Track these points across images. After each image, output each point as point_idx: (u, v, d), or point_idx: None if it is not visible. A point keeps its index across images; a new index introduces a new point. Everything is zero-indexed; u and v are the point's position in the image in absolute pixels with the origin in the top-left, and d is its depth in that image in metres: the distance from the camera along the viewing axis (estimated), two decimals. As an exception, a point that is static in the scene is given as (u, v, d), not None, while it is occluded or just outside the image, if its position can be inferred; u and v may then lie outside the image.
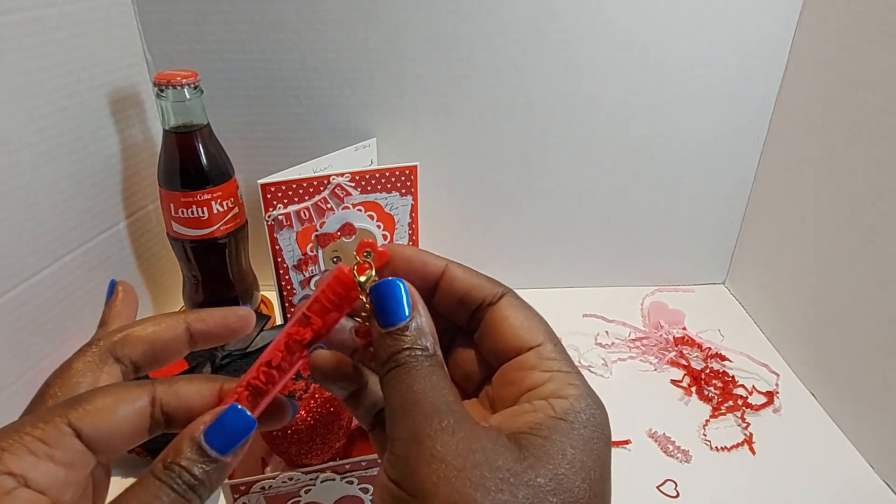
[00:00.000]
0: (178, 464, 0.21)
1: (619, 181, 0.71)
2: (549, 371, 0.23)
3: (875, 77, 0.52)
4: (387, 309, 0.23)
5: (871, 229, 0.53)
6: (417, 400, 0.21)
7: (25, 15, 0.47)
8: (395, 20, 0.61)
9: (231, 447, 0.22)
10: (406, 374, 0.22)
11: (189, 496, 0.21)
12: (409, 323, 0.23)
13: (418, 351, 0.23)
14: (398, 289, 0.23)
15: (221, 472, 0.22)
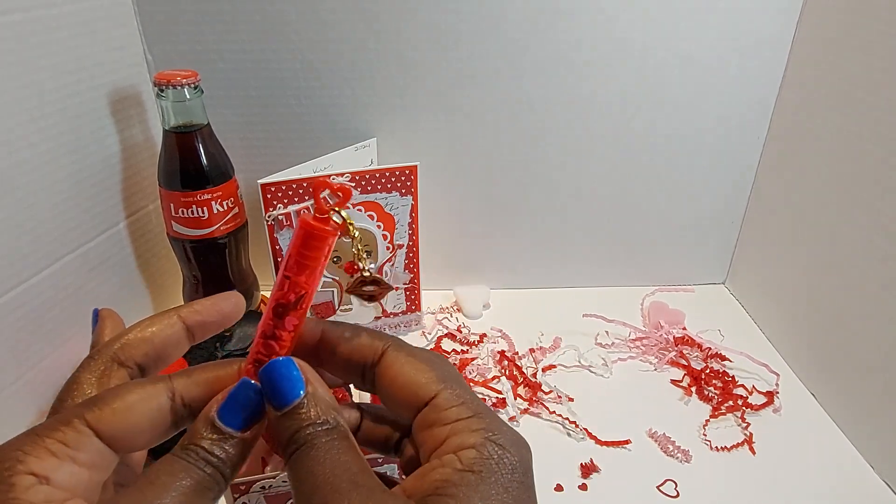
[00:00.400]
0: (196, 444, 0.21)
1: (619, 181, 0.71)
2: (448, 423, 0.22)
3: (875, 77, 0.52)
4: (278, 390, 0.22)
5: (872, 229, 0.53)
6: (318, 484, 0.20)
7: (25, 15, 0.47)
8: (395, 20, 0.61)
9: (246, 422, 0.22)
10: (306, 457, 0.21)
11: (213, 474, 0.21)
12: (303, 400, 0.22)
13: (318, 427, 0.21)
14: (287, 367, 0.22)
15: (242, 449, 0.22)
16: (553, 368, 0.64)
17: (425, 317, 0.72)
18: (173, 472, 0.20)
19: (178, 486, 0.20)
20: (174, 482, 0.20)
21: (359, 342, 0.25)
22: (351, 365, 0.25)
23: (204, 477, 0.21)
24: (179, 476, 0.20)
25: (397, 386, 0.23)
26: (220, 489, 0.21)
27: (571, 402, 0.59)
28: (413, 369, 0.23)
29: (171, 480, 0.20)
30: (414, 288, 0.68)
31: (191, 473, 0.20)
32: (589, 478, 0.51)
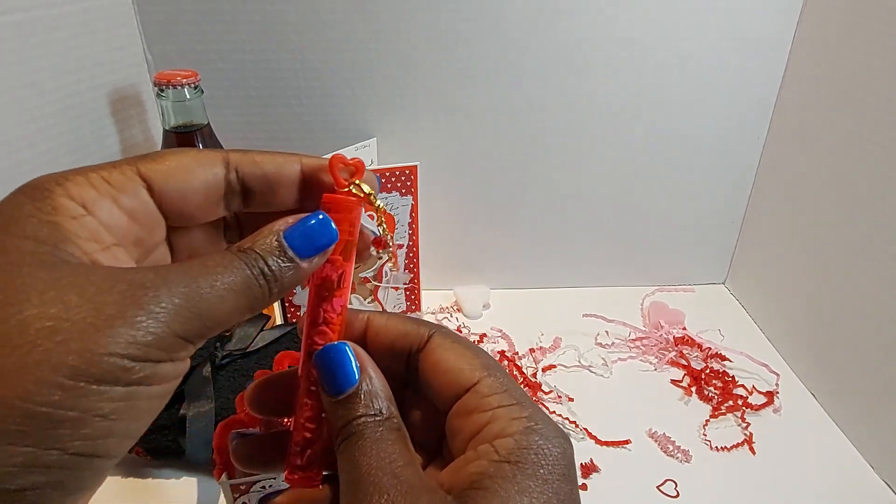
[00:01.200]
0: (254, 250, 0.20)
1: (619, 181, 0.71)
2: (489, 409, 0.21)
3: (875, 77, 0.52)
4: (333, 376, 0.22)
5: (872, 229, 0.53)
6: (360, 476, 0.20)
7: (25, 15, 0.47)
8: (395, 20, 0.61)
9: (309, 253, 0.21)
10: (353, 448, 0.21)
11: (260, 281, 0.19)
12: (358, 388, 0.22)
13: (370, 418, 0.21)
14: (343, 353, 0.22)
15: (295, 275, 0.20)
16: (553, 368, 0.64)
17: (425, 317, 0.72)
18: (227, 264, 0.19)
19: (229, 279, 0.19)
20: (226, 273, 0.19)
21: (405, 328, 0.24)
22: (396, 351, 0.24)
23: (254, 283, 0.19)
24: (233, 270, 0.19)
25: (440, 371, 0.23)
26: (260, 304, 0.20)
27: (571, 402, 0.59)
28: (457, 355, 0.23)
29: (224, 271, 0.19)
30: (414, 288, 0.68)
31: (243, 274, 0.19)
32: (589, 478, 0.51)
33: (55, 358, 0.15)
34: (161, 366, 0.17)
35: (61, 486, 0.16)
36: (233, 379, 0.53)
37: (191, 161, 0.21)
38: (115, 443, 0.16)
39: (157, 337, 0.16)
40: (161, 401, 0.18)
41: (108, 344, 0.15)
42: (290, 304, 0.64)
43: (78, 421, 0.15)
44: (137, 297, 0.16)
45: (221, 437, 0.43)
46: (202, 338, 0.18)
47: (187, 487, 0.50)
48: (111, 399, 0.16)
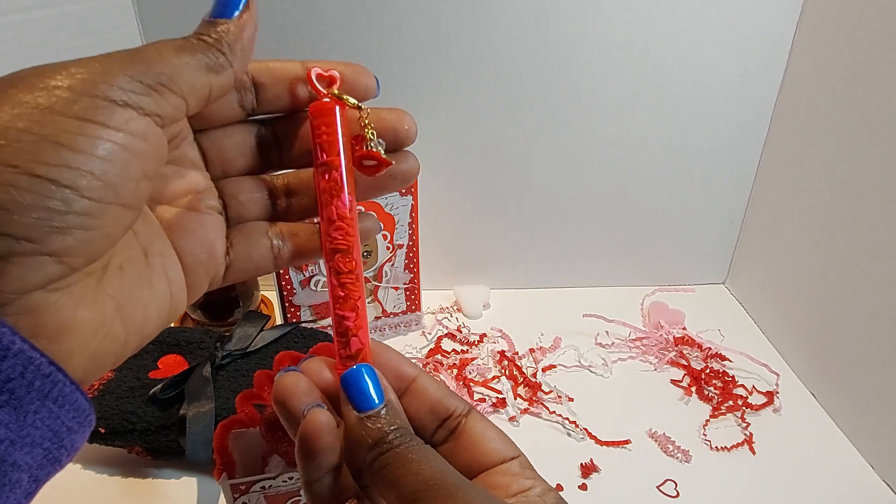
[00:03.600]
0: (194, 36, 0.23)
1: (619, 181, 0.71)
2: (531, 479, 0.24)
3: (875, 77, 0.52)
4: (362, 392, 0.23)
5: (872, 229, 0.53)
6: (435, 476, 0.21)
7: (25, 15, 0.47)
8: (395, 20, 0.61)
9: (233, 10, 0.23)
10: (412, 454, 0.21)
11: (200, 43, 0.22)
12: (386, 405, 0.23)
13: (401, 431, 0.22)
14: (371, 372, 0.24)
15: (233, 29, 0.23)
16: (553, 368, 0.64)
17: (425, 317, 0.72)
18: (166, 43, 0.21)
19: (176, 44, 0.21)
20: (173, 42, 0.21)
21: (449, 394, 0.26)
22: (438, 410, 0.26)
23: (192, 41, 0.22)
24: (171, 44, 0.21)
25: (488, 438, 0.25)
26: (217, 64, 0.22)
27: (571, 402, 0.59)
28: (497, 431, 0.26)
29: (171, 42, 0.21)
30: (414, 288, 0.68)
31: (186, 42, 0.22)
32: (589, 478, 0.51)
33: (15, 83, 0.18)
34: (122, 111, 0.18)
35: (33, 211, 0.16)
36: (233, 379, 0.53)
37: None
38: (79, 176, 0.17)
39: (117, 83, 0.18)
40: (129, 155, 0.18)
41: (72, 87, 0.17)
42: (289, 304, 0.64)
43: (31, 143, 0.16)
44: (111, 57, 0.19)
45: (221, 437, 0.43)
46: (164, 86, 0.19)
47: (187, 487, 0.50)
48: (64, 129, 0.17)
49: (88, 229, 0.17)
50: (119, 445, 0.50)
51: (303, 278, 0.63)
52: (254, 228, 0.26)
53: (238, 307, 0.66)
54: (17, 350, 0.16)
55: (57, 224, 0.16)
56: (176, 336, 0.57)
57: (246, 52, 0.23)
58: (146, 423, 0.48)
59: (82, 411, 0.18)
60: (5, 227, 0.16)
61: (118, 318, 0.20)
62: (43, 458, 0.17)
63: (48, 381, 0.17)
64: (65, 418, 0.18)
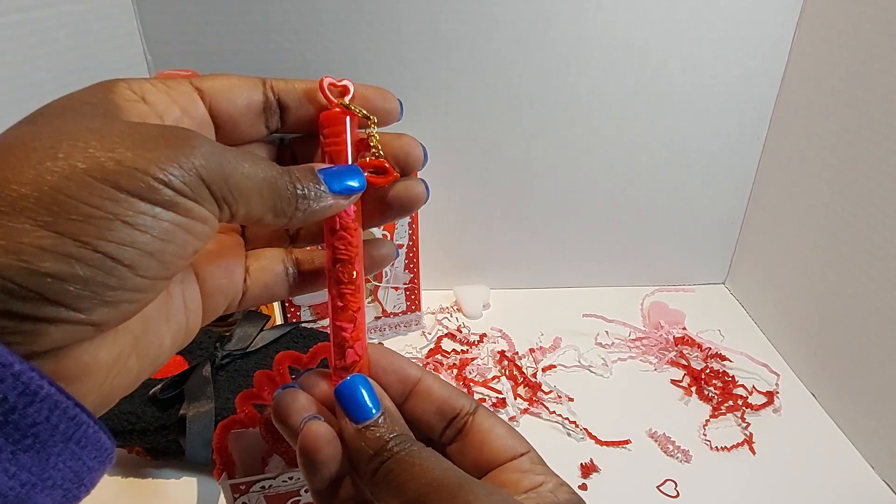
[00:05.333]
0: (293, 168, 0.22)
1: (619, 181, 0.71)
2: (542, 475, 0.24)
3: (875, 77, 0.52)
4: (358, 403, 0.23)
5: (872, 229, 0.53)
6: (439, 478, 0.21)
7: (25, 15, 0.47)
8: (395, 20, 0.61)
9: (338, 188, 0.22)
10: (410, 458, 0.22)
11: (289, 186, 0.21)
12: (382, 414, 0.23)
13: (401, 438, 0.22)
14: (365, 382, 0.24)
15: (322, 202, 0.22)
16: (553, 368, 0.64)
17: (425, 317, 0.72)
18: (266, 162, 0.21)
19: (263, 166, 0.20)
20: (263, 163, 0.20)
21: (454, 393, 0.26)
22: (444, 409, 0.26)
23: (284, 184, 0.21)
24: (269, 165, 0.20)
25: (496, 435, 0.25)
26: (283, 210, 0.21)
27: (571, 402, 0.59)
28: (506, 427, 0.26)
29: (262, 161, 0.20)
30: (414, 288, 0.68)
31: (277, 171, 0.21)
32: (589, 478, 0.51)
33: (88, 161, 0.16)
34: (185, 200, 0.18)
35: (87, 284, 0.16)
36: (233, 379, 0.53)
37: (235, 79, 0.24)
38: (140, 256, 0.17)
39: (183, 171, 0.17)
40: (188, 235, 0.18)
41: (139, 163, 0.17)
42: (290, 304, 0.64)
43: (101, 220, 0.16)
44: (177, 139, 0.18)
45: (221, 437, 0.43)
46: (226, 202, 0.19)
47: (187, 487, 0.50)
48: (135, 209, 0.17)
49: (133, 302, 0.18)
50: (119, 445, 0.50)
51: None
52: (271, 256, 0.26)
53: (238, 307, 0.66)
54: (44, 395, 0.16)
55: (108, 298, 0.17)
56: (176, 336, 0.57)
57: (310, 220, 0.23)
58: (146, 423, 0.48)
59: (104, 450, 0.18)
60: (58, 296, 0.16)
61: (134, 353, 0.20)
62: (62, 497, 0.17)
63: (73, 423, 0.17)
64: (87, 459, 0.18)
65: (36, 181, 0.15)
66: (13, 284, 0.15)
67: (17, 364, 0.15)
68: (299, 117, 0.25)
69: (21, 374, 0.15)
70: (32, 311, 0.15)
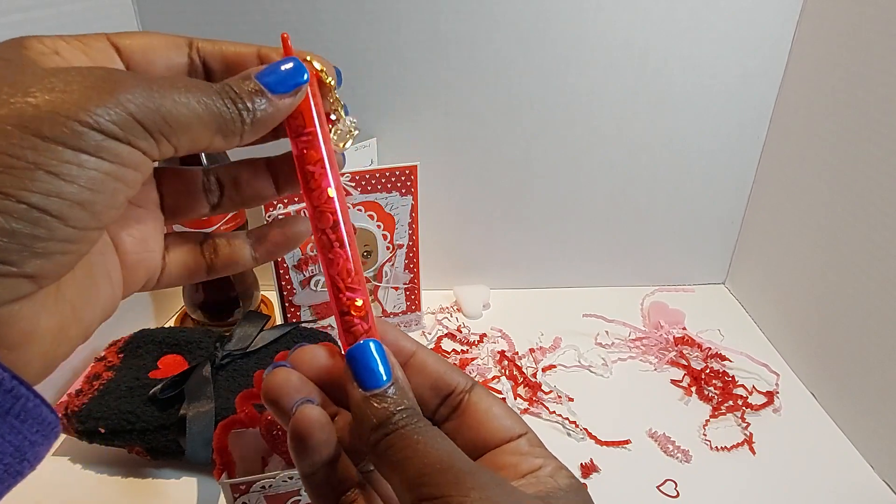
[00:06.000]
0: (227, 83, 0.20)
1: (619, 181, 0.71)
2: (541, 457, 0.23)
3: (875, 77, 0.52)
4: (369, 370, 0.22)
5: (872, 229, 0.53)
6: (442, 460, 0.20)
7: (25, 15, 0.47)
8: (395, 20, 0.61)
9: (283, 90, 0.21)
10: (418, 436, 0.20)
11: (229, 106, 0.20)
12: (393, 383, 0.22)
13: (408, 412, 0.21)
14: (379, 348, 0.22)
15: (270, 110, 0.21)
16: (553, 368, 0.64)
17: (425, 317, 0.72)
18: (198, 84, 0.19)
19: (198, 91, 0.19)
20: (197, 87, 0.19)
21: (450, 369, 0.25)
22: (439, 386, 0.25)
23: (223, 105, 0.20)
24: (204, 88, 0.19)
25: (492, 415, 0.24)
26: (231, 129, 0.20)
27: (571, 402, 0.59)
28: (503, 407, 0.25)
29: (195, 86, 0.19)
30: (414, 288, 0.68)
31: (213, 96, 0.19)
32: (589, 478, 0.51)
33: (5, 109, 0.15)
34: (118, 145, 0.17)
35: (15, 237, 0.16)
36: (233, 379, 0.53)
37: (158, 38, 0.22)
38: (68, 207, 0.16)
39: (113, 113, 0.17)
40: (119, 183, 0.18)
41: (61, 108, 0.16)
42: (289, 304, 0.64)
43: (23, 170, 0.16)
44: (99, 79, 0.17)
45: (221, 437, 0.43)
46: (165, 136, 0.18)
47: (187, 487, 0.50)
48: (59, 158, 0.16)
49: (66, 254, 0.17)
50: (119, 445, 0.50)
51: (303, 278, 0.63)
52: (189, 238, 0.26)
53: (238, 307, 0.66)
54: None
55: (39, 250, 0.16)
56: (176, 336, 0.57)
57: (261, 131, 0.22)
58: (146, 423, 0.48)
59: (47, 424, 0.18)
60: None
61: (73, 321, 0.19)
62: (3, 472, 0.17)
63: (10, 396, 0.16)
64: (27, 433, 0.17)
65: None
66: None
67: None
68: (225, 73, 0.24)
69: None
70: None
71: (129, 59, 0.21)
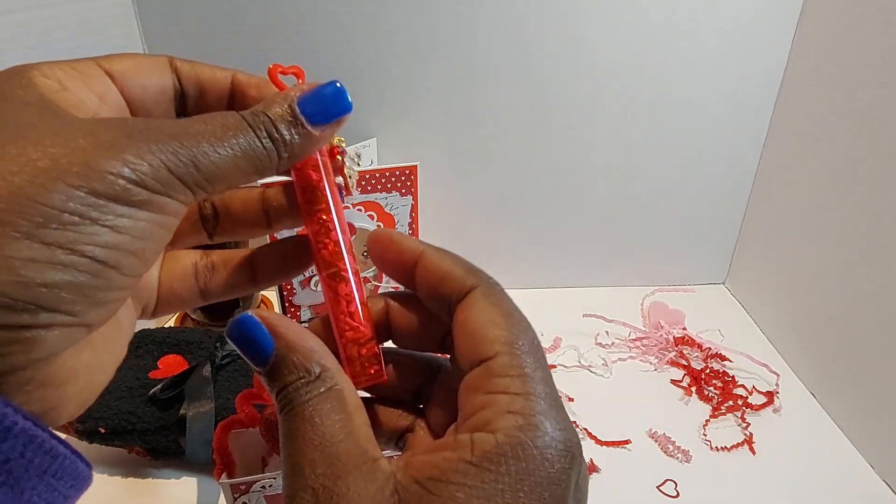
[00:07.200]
0: (265, 112, 0.20)
1: (619, 181, 0.71)
2: (491, 392, 0.19)
3: (875, 77, 0.52)
4: (250, 351, 0.20)
5: (872, 229, 0.53)
6: (287, 455, 0.19)
7: (25, 15, 0.47)
8: (395, 21, 0.61)
9: (322, 120, 0.20)
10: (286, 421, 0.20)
11: (266, 145, 0.19)
12: (275, 357, 0.20)
13: (298, 383, 0.20)
14: (252, 323, 0.20)
15: (306, 143, 0.20)
16: (553, 368, 0.64)
17: (425, 317, 0.71)
18: (229, 125, 0.19)
19: (231, 137, 0.18)
20: (229, 131, 0.19)
21: (451, 271, 0.22)
22: (439, 295, 0.22)
23: (259, 147, 0.19)
24: (237, 128, 0.19)
25: (466, 332, 0.21)
26: (267, 168, 0.20)
27: (571, 402, 0.59)
28: (489, 319, 0.21)
29: (227, 129, 0.19)
30: (414, 288, 0.68)
31: (248, 135, 0.19)
32: (589, 478, 0.51)
33: (61, 169, 0.16)
34: (159, 197, 0.18)
35: (80, 289, 0.16)
36: (233, 379, 0.53)
37: (145, 60, 0.22)
38: (124, 257, 0.17)
39: (152, 169, 0.17)
40: (163, 230, 0.18)
41: (107, 165, 0.16)
42: (290, 305, 0.64)
43: (87, 226, 0.16)
44: (134, 134, 0.17)
45: (221, 437, 0.43)
46: (201, 188, 0.18)
47: (187, 487, 0.50)
48: (114, 213, 0.17)
49: (119, 300, 0.18)
50: (119, 445, 0.50)
51: (303, 278, 0.63)
52: (182, 257, 0.24)
53: (238, 307, 0.66)
54: (18, 430, 0.16)
55: (98, 299, 0.17)
56: (176, 336, 0.57)
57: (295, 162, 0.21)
58: (146, 423, 0.48)
59: (81, 478, 0.18)
60: (53, 303, 0.16)
61: (106, 350, 0.20)
62: None
63: (48, 456, 0.17)
64: (62, 488, 0.17)
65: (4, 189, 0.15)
66: (9, 299, 0.15)
67: None
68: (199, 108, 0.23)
69: None
70: (29, 321, 0.15)
71: (122, 85, 0.21)
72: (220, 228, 0.25)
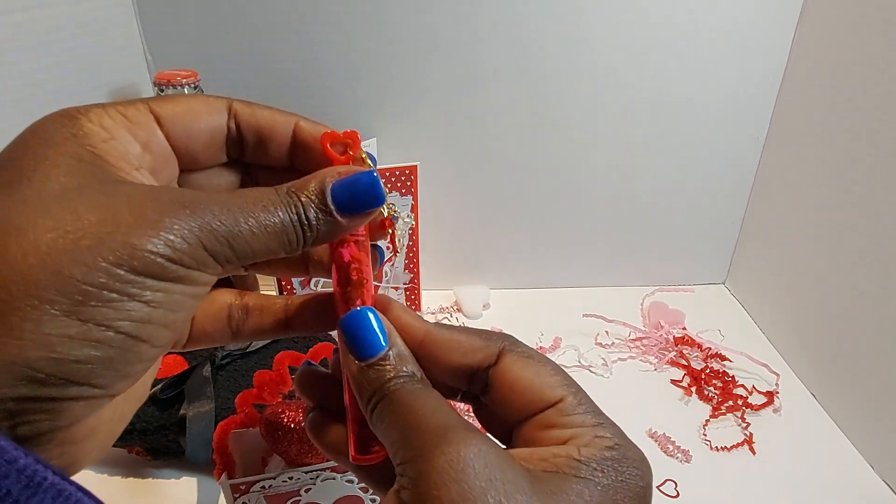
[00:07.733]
0: (298, 195, 0.20)
1: (619, 181, 0.71)
2: (571, 427, 0.21)
3: (875, 77, 0.52)
4: (362, 340, 0.21)
5: (872, 229, 0.53)
6: (424, 416, 0.19)
7: (25, 15, 0.47)
8: (395, 21, 0.61)
9: (351, 212, 0.21)
10: (403, 397, 0.20)
11: (296, 228, 0.20)
12: (388, 352, 0.21)
13: (404, 378, 0.21)
14: (368, 318, 0.22)
15: (332, 230, 0.21)
16: (553, 368, 0.64)
17: (425, 317, 0.72)
18: (268, 204, 0.19)
19: (265, 219, 0.19)
20: (265, 213, 0.19)
21: (471, 345, 0.23)
22: (461, 369, 0.23)
23: (290, 229, 0.20)
24: (272, 211, 0.19)
25: (519, 387, 0.22)
26: (292, 249, 0.20)
27: (571, 402, 0.59)
28: (535, 372, 0.22)
29: (263, 210, 0.19)
30: (414, 288, 0.68)
31: (282, 215, 0.20)
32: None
33: (103, 247, 0.17)
34: (192, 272, 0.18)
35: (111, 364, 0.17)
36: (233, 379, 0.53)
37: (199, 104, 0.22)
38: (156, 330, 0.18)
39: (189, 247, 0.18)
40: (195, 300, 0.19)
41: (147, 244, 0.17)
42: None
43: (123, 303, 0.17)
44: (176, 210, 0.18)
45: (221, 437, 0.43)
46: (231, 263, 0.19)
47: (187, 487, 0.50)
48: (150, 289, 0.17)
49: (146, 370, 0.19)
50: (119, 445, 0.50)
51: (302, 278, 0.63)
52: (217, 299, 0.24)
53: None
54: (48, 485, 0.16)
55: (128, 373, 0.18)
56: (176, 336, 0.57)
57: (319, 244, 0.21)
58: (146, 423, 0.48)
59: None
60: (84, 377, 0.16)
61: (127, 403, 0.20)
62: None
63: None
64: None
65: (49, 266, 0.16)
66: (42, 374, 0.16)
67: (22, 458, 0.15)
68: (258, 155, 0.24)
69: (26, 467, 0.15)
70: (58, 393, 0.16)
71: (168, 129, 0.22)
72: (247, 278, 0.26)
